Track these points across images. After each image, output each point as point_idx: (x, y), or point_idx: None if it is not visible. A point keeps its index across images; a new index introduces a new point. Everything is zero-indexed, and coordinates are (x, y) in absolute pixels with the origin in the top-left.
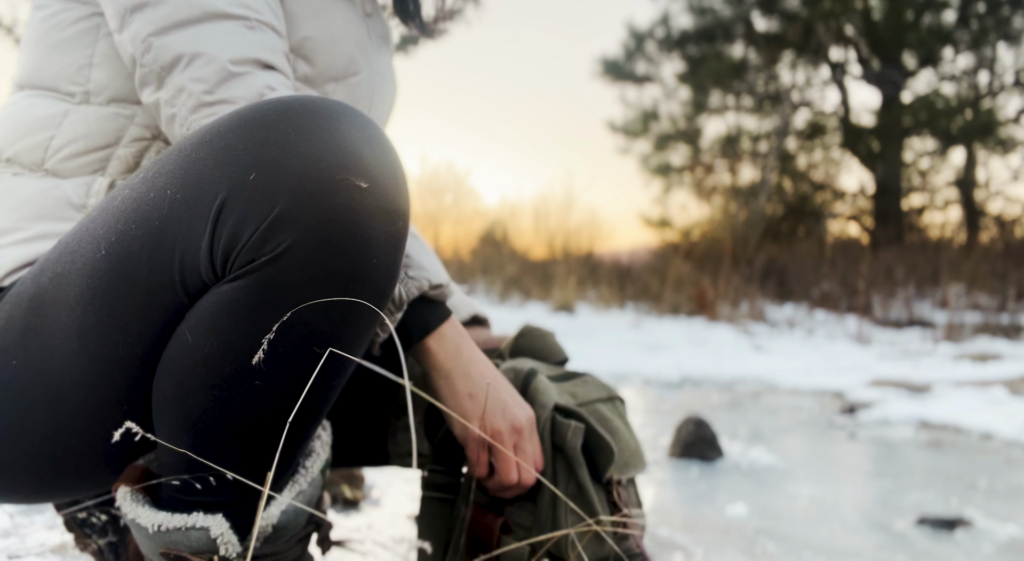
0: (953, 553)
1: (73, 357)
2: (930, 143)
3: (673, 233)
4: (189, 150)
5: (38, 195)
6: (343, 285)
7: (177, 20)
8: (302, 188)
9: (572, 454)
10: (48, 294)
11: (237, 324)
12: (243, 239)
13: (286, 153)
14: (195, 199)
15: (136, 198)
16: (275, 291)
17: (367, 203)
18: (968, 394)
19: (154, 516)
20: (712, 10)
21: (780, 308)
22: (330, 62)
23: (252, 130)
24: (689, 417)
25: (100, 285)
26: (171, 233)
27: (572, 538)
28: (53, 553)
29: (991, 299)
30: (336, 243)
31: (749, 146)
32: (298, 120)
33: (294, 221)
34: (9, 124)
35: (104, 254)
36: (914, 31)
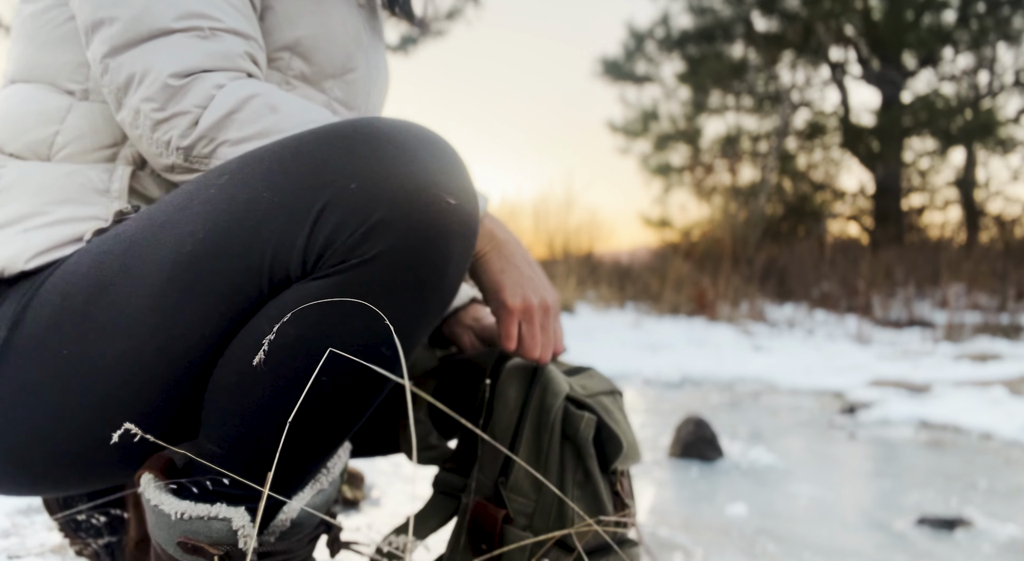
0: (953, 553)
1: (139, 348)
2: (930, 143)
3: (673, 233)
4: (286, 157)
5: (61, 179)
6: (419, 290)
7: (127, 40)
8: (399, 200)
9: (583, 444)
10: (114, 286)
11: (318, 319)
12: (339, 241)
13: (385, 167)
14: (293, 203)
15: (227, 198)
16: (357, 292)
17: (452, 219)
18: (968, 394)
19: (178, 504)
20: (712, 10)
21: (780, 308)
22: (328, 60)
23: (351, 144)
24: (689, 417)
25: (184, 277)
26: (266, 232)
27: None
28: (53, 553)
29: (991, 299)
30: (422, 252)
31: (749, 146)
32: (395, 139)
33: (388, 229)
34: (8, 118)
35: (190, 249)
36: (914, 31)
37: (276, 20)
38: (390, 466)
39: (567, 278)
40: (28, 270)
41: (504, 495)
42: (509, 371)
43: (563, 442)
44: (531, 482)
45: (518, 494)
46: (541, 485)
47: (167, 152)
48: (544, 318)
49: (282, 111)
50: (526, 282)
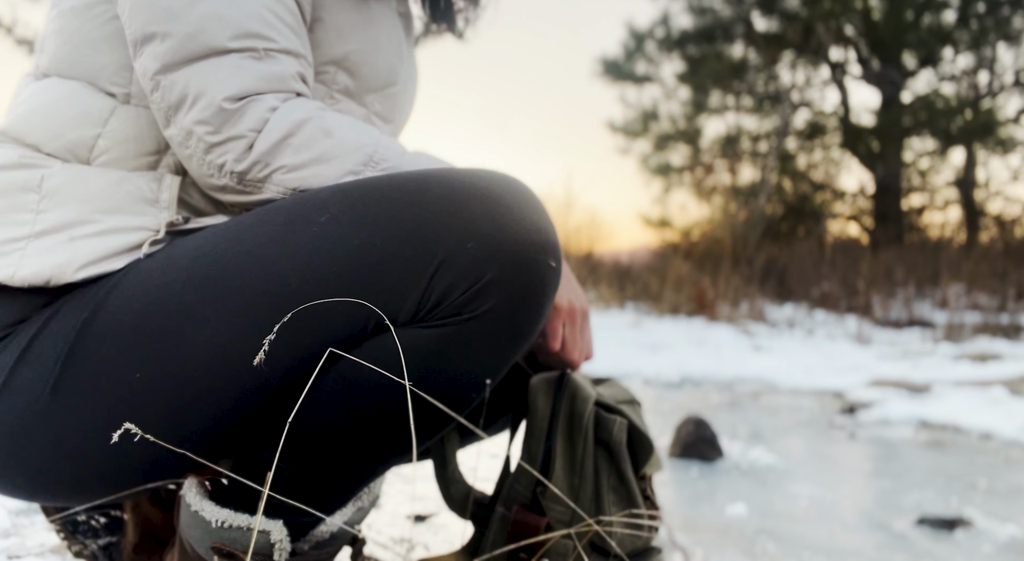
0: (953, 553)
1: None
2: (930, 143)
3: (673, 233)
4: (398, 207)
5: (110, 187)
6: (513, 342)
7: (180, 57)
8: (509, 262)
9: (617, 448)
10: (201, 311)
11: (420, 363)
12: (452, 296)
13: (497, 229)
14: (411, 256)
15: (335, 242)
16: (463, 342)
17: (551, 280)
18: (968, 394)
19: (218, 512)
20: (712, 10)
21: (780, 308)
22: (372, 74)
23: (463, 200)
24: (689, 417)
25: (284, 313)
26: (380, 281)
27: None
28: (53, 553)
29: (991, 299)
30: (524, 311)
31: (749, 146)
32: (503, 198)
33: (498, 288)
34: (44, 115)
35: (296, 288)
36: (914, 31)
37: (325, 34)
38: None
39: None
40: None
41: (544, 504)
42: (536, 382)
43: (596, 447)
44: (568, 490)
45: (556, 502)
46: (578, 493)
47: (219, 175)
48: (583, 322)
49: (336, 136)
50: (569, 285)
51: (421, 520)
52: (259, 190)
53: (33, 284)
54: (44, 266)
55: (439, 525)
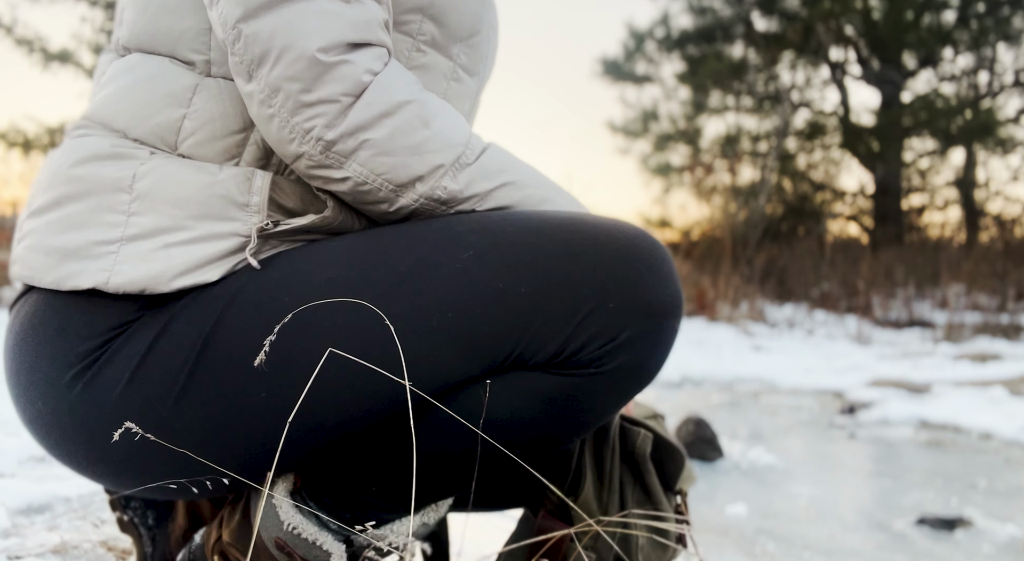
0: (953, 553)
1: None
2: (930, 143)
3: (673, 233)
4: (546, 253)
5: (201, 192)
6: (626, 395)
7: (264, 1)
8: (644, 323)
9: (641, 461)
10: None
11: (536, 407)
12: (589, 350)
13: (638, 289)
14: (552, 308)
15: (479, 283)
16: (584, 394)
17: (672, 342)
18: (968, 394)
19: (294, 516)
20: (712, 10)
21: (780, 308)
22: (458, 21)
23: (613, 259)
24: (689, 417)
25: (419, 351)
26: (520, 328)
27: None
28: (53, 553)
29: (991, 299)
30: (646, 371)
31: (749, 146)
32: (648, 261)
33: (630, 347)
34: (131, 97)
35: (436, 326)
36: (914, 31)
37: None
38: None
39: None
40: (171, 291)
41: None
42: None
43: (621, 460)
44: (596, 503)
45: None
46: (606, 506)
47: (303, 140)
48: None
49: (433, 127)
50: None
51: None
52: (340, 165)
53: (128, 292)
54: (140, 275)
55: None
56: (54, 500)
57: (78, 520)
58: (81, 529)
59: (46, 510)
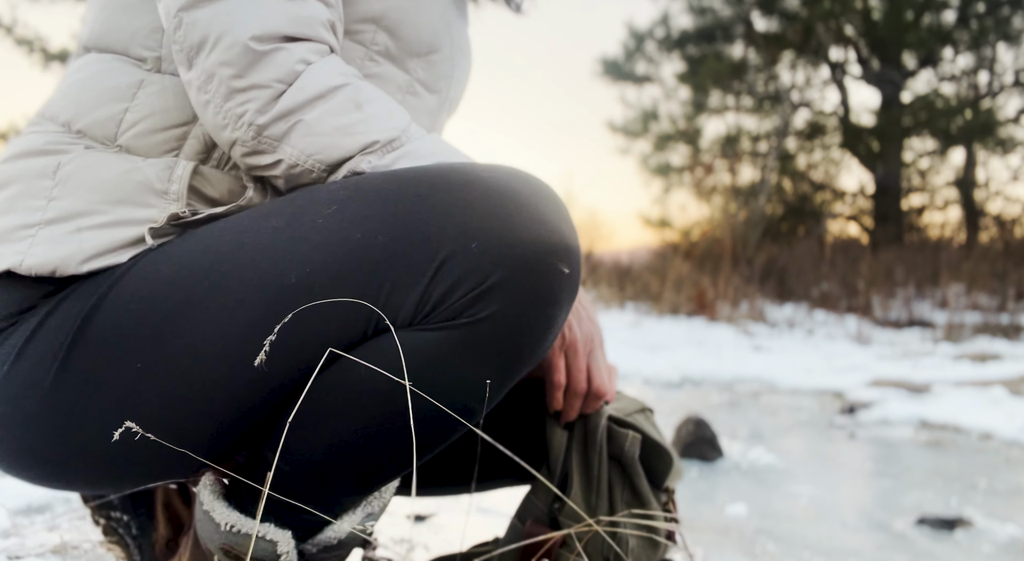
0: (953, 553)
1: (215, 370)
2: (930, 143)
3: (673, 233)
4: (406, 200)
5: (119, 177)
6: (519, 353)
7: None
8: (516, 266)
9: (630, 462)
10: (205, 303)
11: (419, 368)
12: (453, 298)
13: (506, 228)
14: (412, 253)
15: (339, 235)
16: (464, 348)
17: (564, 288)
18: (968, 394)
19: (228, 514)
20: (712, 10)
21: (780, 308)
22: (414, 36)
23: (473, 196)
24: (689, 417)
25: (281, 309)
26: (380, 278)
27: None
28: (53, 553)
29: (991, 299)
30: (531, 318)
31: (749, 146)
32: (515, 195)
33: (503, 293)
34: (79, 92)
35: (295, 282)
36: (914, 31)
37: None
38: None
39: None
40: (81, 273)
41: (560, 521)
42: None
43: (609, 462)
44: (585, 507)
45: (572, 519)
46: (594, 509)
47: (236, 125)
48: (592, 350)
49: (366, 110)
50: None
51: (421, 520)
52: (273, 149)
53: (39, 274)
54: (50, 257)
55: (439, 525)
56: (54, 500)
57: (78, 520)
58: (81, 529)
59: (46, 510)
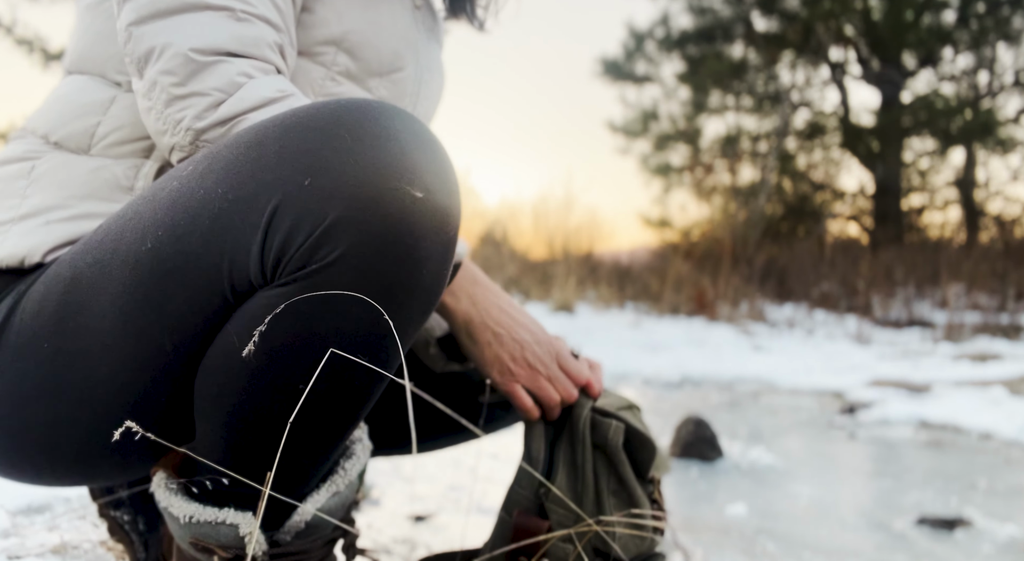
0: (953, 553)
1: (111, 345)
2: (930, 143)
3: (673, 233)
4: (242, 149)
5: (87, 174)
6: (390, 295)
7: (157, 10)
8: (357, 196)
9: (614, 451)
10: (87, 279)
11: (284, 330)
12: (295, 245)
13: (342, 159)
14: (247, 202)
15: (186, 193)
16: (322, 300)
17: (421, 213)
18: (968, 394)
19: (186, 506)
20: (712, 10)
21: (780, 308)
22: (374, 57)
23: (307, 133)
24: (689, 417)
25: (144, 277)
26: (221, 234)
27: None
28: (53, 553)
29: (991, 299)
30: (388, 253)
31: (749, 146)
32: (354, 125)
33: (347, 230)
34: (57, 107)
35: (150, 247)
36: (914, 31)
37: (325, 13)
38: (390, 466)
39: (567, 278)
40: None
41: (547, 507)
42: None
43: (594, 451)
44: (571, 494)
45: (558, 505)
46: (581, 496)
47: (174, 130)
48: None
49: None
50: (515, 346)
51: (421, 520)
52: None
53: (9, 265)
54: (20, 248)
55: (439, 525)
56: (54, 500)
57: (78, 520)
58: (81, 529)
59: (46, 510)
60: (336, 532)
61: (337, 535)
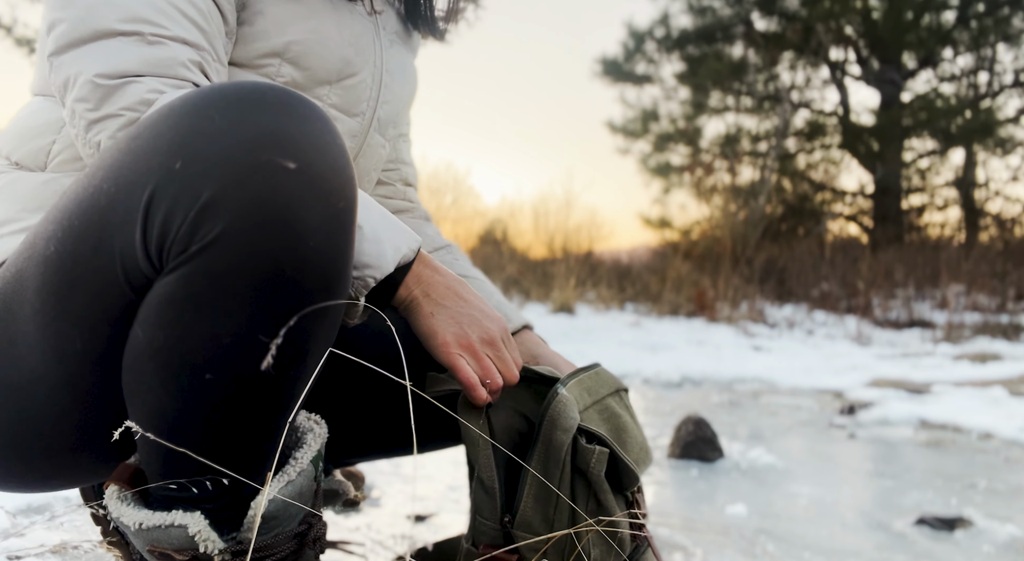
0: (953, 553)
1: (36, 352)
2: (930, 143)
3: (673, 233)
4: (123, 143)
5: (39, 187)
6: (279, 270)
7: (70, 40)
8: (227, 173)
9: (596, 479)
10: (10, 289)
11: (179, 316)
12: (173, 230)
13: (210, 139)
14: (126, 193)
15: (80, 192)
16: (210, 279)
17: (297, 185)
18: (968, 394)
19: (135, 514)
20: (712, 10)
21: (780, 308)
22: (320, 65)
23: (179, 119)
24: (689, 417)
25: (52, 281)
26: (108, 229)
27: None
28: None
29: (991, 299)
30: (266, 228)
31: (749, 146)
32: (223, 105)
33: (222, 208)
34: (18, 128)
35: (53, 250)
36: (914, 31)
37: (264, 26)
38: (390, 466)
39: (567, 278)
40: None
41: (513, 534)
42: (462, 406)
43: (574, 475)
44: (540, 517)
45: (527, 531)
46: (552, 520)
47: (95, 153)
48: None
49: None
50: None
51: (421, 520)
52: None
53: None
54: None
55: (439, 525)
56: (54, 500)
57: (78, 520)
58: (81, 529)
59: (46, 510)
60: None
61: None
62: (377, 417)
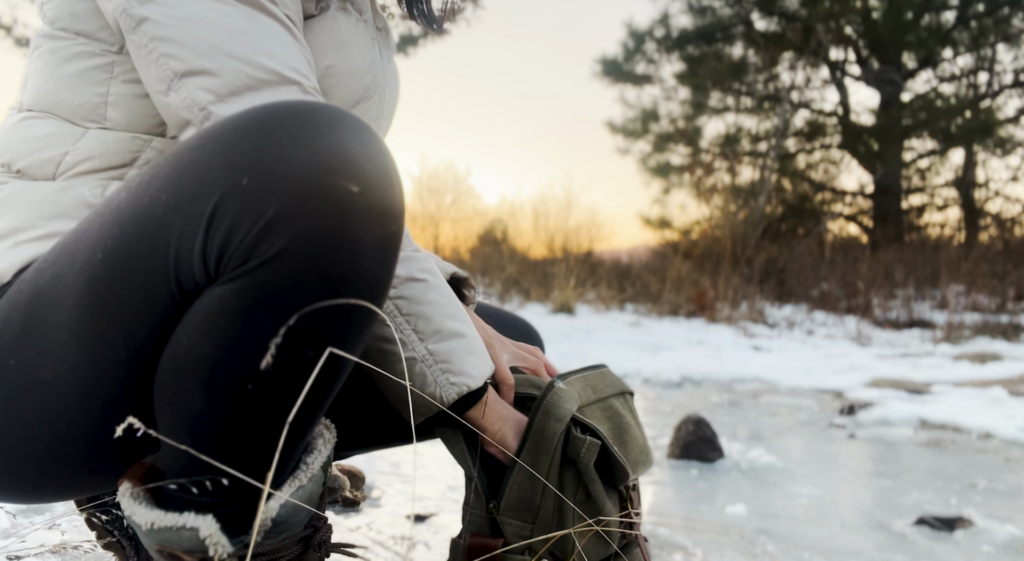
0: (953, 553)
1: (71, 358)
2: (929, 143)
3: (673, 233)
4: (184, 155)
5: (54, 194)
6: (331, 288)
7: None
8: (293, 192)
9: (584, 469)
10: (46, 295)
11: (229, 326)
12: (235, 242)
13: (279, 158)
14: (188, 203)
15: (132, 202)
16: (265, 294)
17: (357, 207)
18: (967, 394)
19: (148, 514)
20: (712, 10)
21: (780, 308)
22: (347, 94)
23: (246, 135)
24: (689, 417)
25: (98, 288)
26: (165, 237)
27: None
28: (53, 553)
29: (990, 299)
30: (325, 247)
31: (749, 146)
32: (292, 125)
33: (285, 225)
34: (18, 137)
35: (101, 258)
36: (913, 31)
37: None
38: (390, 466)
39: (567, 278)
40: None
41: (499, 520)
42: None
43: (564, 465)
44: (526, 504)
45: (513, 517)
46: (539, 506)
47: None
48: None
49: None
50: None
51: (421, 520)
52: None
53: None
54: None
55: (439, 525)
56: None
57: (78, 520)
58: (81, 529)
59: (46, 510)
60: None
61: (309, 533)
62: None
